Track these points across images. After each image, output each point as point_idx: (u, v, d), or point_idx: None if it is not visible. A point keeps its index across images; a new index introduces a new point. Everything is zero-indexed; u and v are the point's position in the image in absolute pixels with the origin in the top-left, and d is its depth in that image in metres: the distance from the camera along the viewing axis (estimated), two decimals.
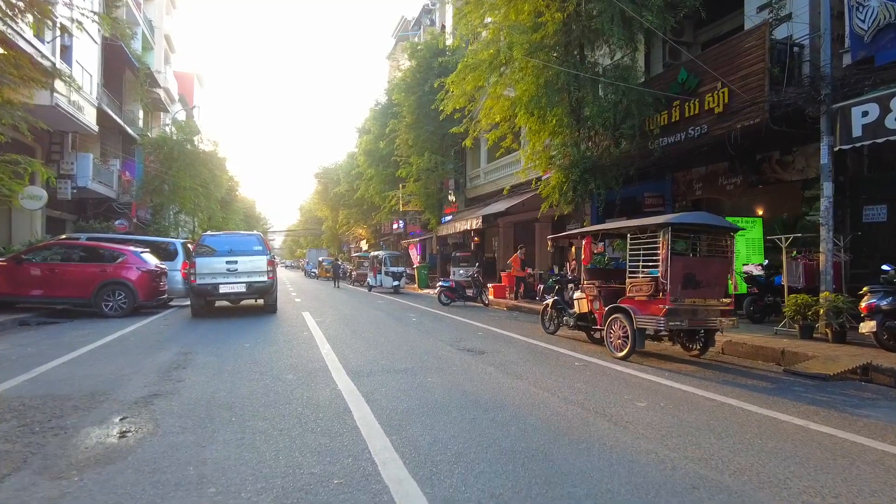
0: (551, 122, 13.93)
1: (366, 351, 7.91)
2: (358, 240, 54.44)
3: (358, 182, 36.47)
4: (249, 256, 12.51)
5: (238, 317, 12.62)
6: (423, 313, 14.03)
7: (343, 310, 14.80)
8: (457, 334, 9.86)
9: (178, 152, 27.90)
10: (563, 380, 6.10)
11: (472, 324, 11.63)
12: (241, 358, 7.29)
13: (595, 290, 8.35)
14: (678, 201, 15.68)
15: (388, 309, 15.19)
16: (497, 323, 11.91)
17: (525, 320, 12.77)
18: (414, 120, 25.63)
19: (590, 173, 13.98)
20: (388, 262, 23.51)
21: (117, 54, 26.03)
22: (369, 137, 34.50)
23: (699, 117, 12.55)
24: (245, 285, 12.36)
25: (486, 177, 25.39)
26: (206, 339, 8.99)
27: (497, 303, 17.10)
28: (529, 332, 10.43)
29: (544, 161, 14.45)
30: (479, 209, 23.96)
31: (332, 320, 12.04)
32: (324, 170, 55.36)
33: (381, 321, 11.95)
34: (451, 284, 16.64)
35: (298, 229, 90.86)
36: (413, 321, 12.03)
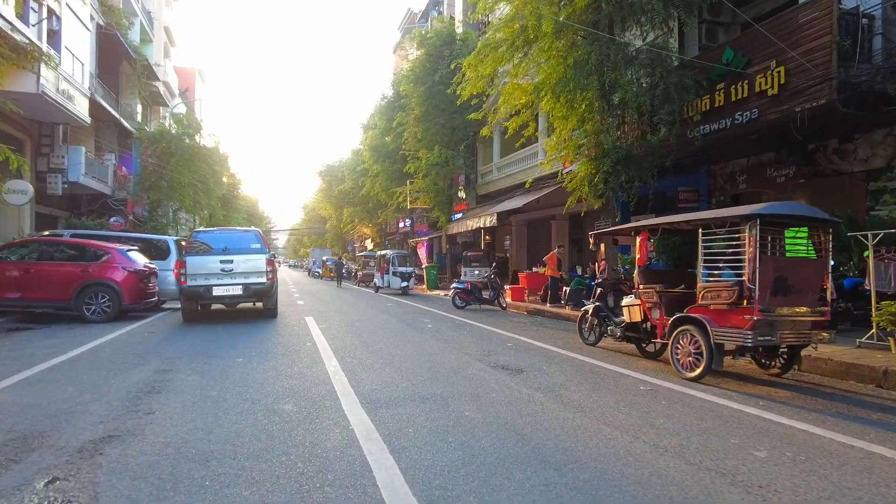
0: (580, 108, 12.62)
1: (380, 368, 6.60)
2: (363, 239, 53.18)
3: (363, 179, 35.19)
4: (246, 255, 11.22)
5: (234, 322, 11.34)
6: (437, 318, 12.72)
7: (350, 314, 13.49)
8: (483, 346, 8.54)
9: (175, 146, 26.66)
10: (636, 413, 4.78)
11: (497, 332, 10.31)
12: (231, 378, 5.98)
13: (655, 296, 7.02)
14: (715, 196, 14.36)
15: (398, 313, 13.88)
16: (524, 331, 10.59)
17: (553, 327, 11.45)
18: (423, 112, 24.31)
19: (622, 164, 12.67)
20: (395, 262, 22.20)
21: (113, 45, 24.79)
22: (375, 132, 33.24)
23: (748, 101, 11.22)
24: (242, 287, 11.07)
25: (499, 172, 24.07)
26: (193, 352, 7.69)
27: (515, 306, 15.78)
28: (565, 342, 9.11)
29: (572, 150, 13.11)
30: (493, 206, 22.65)
31: (339, 327, 10.73)
32: (328, 167, 54.13)
33: (394, 328, 10.64)
34: (466, 286, 15.33)
35: (302, 228, 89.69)
36: (429, 328, 10.71)
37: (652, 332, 7.63)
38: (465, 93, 14.64)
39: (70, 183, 20.75)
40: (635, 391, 5.66)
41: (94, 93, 21.98)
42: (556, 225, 22.60)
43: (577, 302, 13.67)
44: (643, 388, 5.79)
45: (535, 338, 9.53)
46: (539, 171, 20.25)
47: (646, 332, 7.64)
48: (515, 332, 10.21)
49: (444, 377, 6.11)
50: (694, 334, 6.18)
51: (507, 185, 23.18)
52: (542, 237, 25.04)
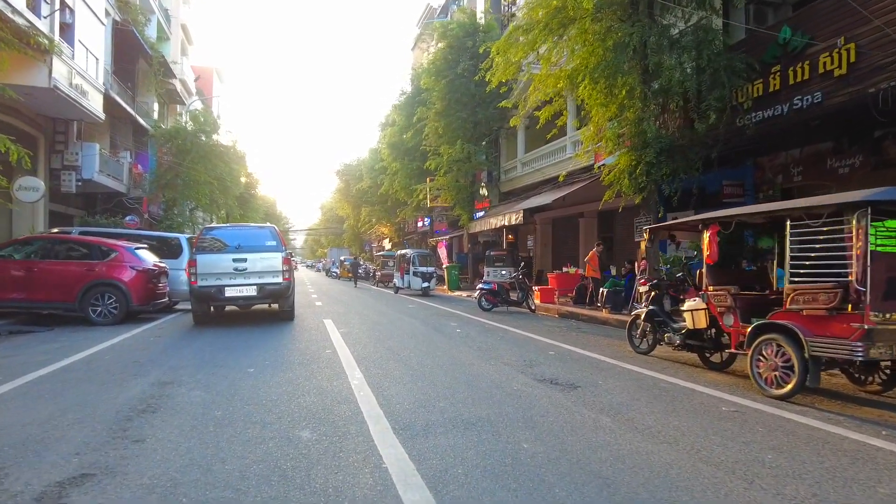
0: (620, 94, 11.65)
1: (411, 382, 5.72)
2: (380, 239, 52.54)
3: (382, 177, 34.45)
4: (261, 253, 10.43)
5: (247, 325, 10.56)
6: (465, 322, 11.83)
7: (371, 316, 12.65)
8: (522, 354, 7.63)
9: (191, 144, 26.13)
10: (734, 445, 3.84)
11: (533, 338, 9.38)
12: (240, 394, 5.15)
13: (728, 299, 6.05)
14: (762, 191, 13.29)
15: (422, 316, 13.02)
16: (561, 336, 9.65)
17: (592, 332, 10.49)
18: (444, 107, 23.45)
19: (665, 155, 11.69)
20: (416, 262, 21.34)
21: (129, 41, 24.34)
22: (394, 129, 32.47)
23: (809, 83, 10.20)
24: (256, 288, 10.28)
25: (523, 168, 23.11)
26: (200, 360, 6.89)
27: (545, 308, 14.83)
28: (613, 350, 8.17)
29: (611, 140, 12.13)
30: (517, 203, 21.71)
31: (360, 331, 9.89)
32: (345, 167, 53.61)
33: (419, 333, 9.77)
34: (492, 287, 14.41)
35: (319, 228, 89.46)
36: (458, 333, 9.82)
37: (717, 339, 6.68)
38: (493, 80, 13.74)
39: (84, 181, 20.28)
40: (718, 413, 4.72)
41: (108, 89, 21.50)
42: (585, 223, 21.59)
43: (615, 304, 12.70)
44: (726, 410, 4.84)
45: (577, 345, 8.59)
46: (567, 166, 19.28)
47: (711, 341, 6.69)
48: (553, 338, 9.28)
49: (487, 394, 5.22)
50: (782, 345, 5.21)
51: (533, 182, 22.22)
52: (569, 236, 24.04)
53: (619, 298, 12.69)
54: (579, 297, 15.06)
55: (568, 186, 17.78)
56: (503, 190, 24.73)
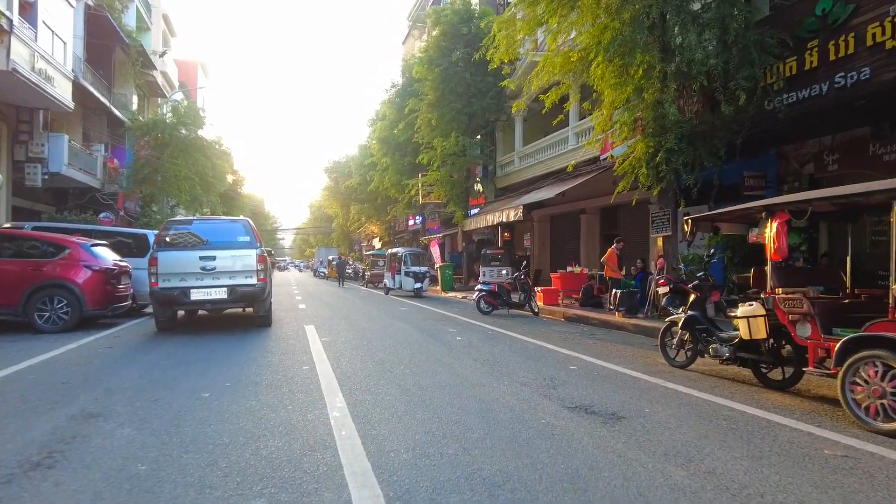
0: (637, 73, 10.45)
1: (408, 415, 4.45)
2: (370, 238, 51.18)
3: (371, 173, 33.13)
4: (232, 250, 9.11)
5: (217, 332, 9.25)
6: (464, 327, 10.57)
7: (359, 322, 11.35)
8: (538, 369, 6.39)
9: (169, 136, 24.71)
10: None
11: (546, 347, 8.14)
12: (182, 433, 3.87)
13: (805, 304, 4.84)
14: (787, 182, 12.17)
15: (416, 320, 11.74)
16: (577, 345, 8.43)
17: (609, 339, 9.27)
18: (437, 97, 22.18)
19: (687, 141, 10.53)
20: (408, 261, 20.05)
21: (103, 27, 22.90)
22: (384, 124, 31.18)
23: (854, 58, 9.07)
24: (226, 290, 8.97)
25: (521, 162, 21.90)
26: (148, 380, 5.59)
27: (549, 311, 13.60)
28: (643, 363, 6.96)
29: (627, 125, 10.93)
30: (515, 199, 20.49)
31: (346, 340, 8.59)
32: (334, 164, 52.19)
33: (415, 342, 8.49)
34: (492, 288, 13.17)
35: (308, 227, 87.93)
36: (459, 342, 8.55)
37: (778, 352, 5.49)
38: (496, 58, 12.49)
39: (52, 174, 18.87)
40: (822, 460, 3.50)
41: (79, 76, 20.08)
42: (587, 219, 20.43)
43: (630, 308, 11.50)
44: (830, 454, 3.62)
45: (599, 356, 7.36)
46: (570, 159, 18.07)
47: (771, 353, 5.49)
48: (569, 348, 8.05)
49: (510, 433, 3.96)
50: (891, 365, 4.01)
51: (531, 177, 21.01)
52: (569, 233, 22.87)
53: (633, 301, 11.49)
54: (586, 299, 13.85)
55: (572, 180, 16.59)
56: (499, 186, 23.51)
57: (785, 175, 12.22)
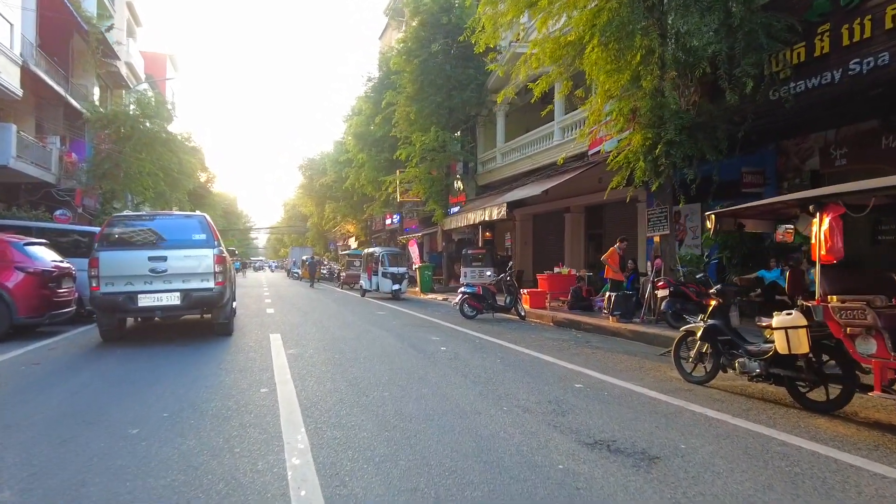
0: (634, 59, 9.65)
1: (391, 463, 3.47)
2: (346, 237, 49.95)
3: (347, 170, 32.03)
4: (186, 250, 8.03)
5: (169, 343, 8.17)
6: (448, 334, 9.64)
7: (331, 328, 10.33)
8: (541, 389, 5.48)
9: (131, 129, 23.29)
10: None
11: (543, 359, 7.25)
12: (83, 499, 2.86)
13: (870, 315, 4.02)
14: (787, 179, 11.53)
15: (395, 326, 10.77)
16: (576, 355, 7.56)
17: (609, 348, 8.42)
18: (416, 90, 21.22)
19: (687, 133, 9.78)
20: (386, 261, 19.03)
21: (59, 12, 21.42)
22: (360, 119, 30.13)
23: (871, 43, 8.40)
24: (179, 295, 7.89)
25: (503, 158, 21.06)
26: (67, 410, 4.54)
27: (537, 315, 12.76)
28: (654, 377, 6.10)
29: (624, 115, 10.12)
30: (497, 196, 19.64)
31: (316, 353, 7.59)
32: (308, 161, 50.82)
33: (395, 354, 7.52)
34: (476, 290, 12.27)
35: (282, 226, 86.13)
36: (444, 353, 7.61)
37: (819, 369, 4.69)
38: (480, 43, 11.58)
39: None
40: None
41: (29, 62, 18.65)
42: (571, 218, 19.67)
43: (625, 312, 10.69)
44: None
45: (604, 370, 6.49)
46: (555, 155, 17.31)
47: (812, 370, 4.69)
48: (567, 359, 7.18)
49: (524, 489, 3.03)
50: None
51: (513, 174, 20.18)
52: (552, 233, 22.10)
53: (629, 305, 10.69)
54: (575, 302, 13.04)
55: (558, 176, 15.80)
56: (480, 183, 22.64)
57: (785, 171, 11.56)
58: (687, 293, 9.91)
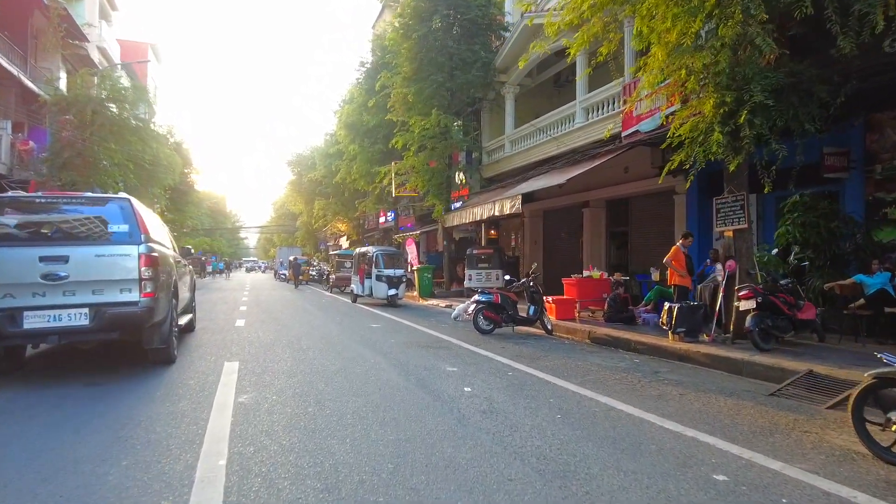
0: (708, 1, 7.31)
1: None
2: (337, 236, 47.45)
3: (337, 163, 29.54)
4: (98, 248, 5.61)
5: (77, 377, 5.72)
6: (467, 362, 7.23)
7: (310, 353, 7.84)
8: (660, 488, 3.11)
9: (91, 112, 20.76)
10: None
11: (618, 409, 4.86)
12: None
13: None
14: (881, 161, 9.27)
15: (394, 348, 8.35)
16: (661, 402, 5.19)
17: (695, 384, 6.05)
18: (414, 70, 18.80)
19: (775, 97, 7.48)
20: (381, 262, 16.57)
21: None
22: (351, 108, 27.64)
23: None
24: (87, 312, 5.46)
25: (512, 147, 18.69)
26: None
27: (565, 328, 10.40)
28: (824, 450, 3.73)
29: (698, 73, 7.73)
30: (506, 189, 17.27)
31: (281, 402, 5.14)
32: (297, 157, 48.26)
33: (399, 405, 5.08)
34: (494, 299, 9.90)
35: (271, 226, 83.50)
36: (470, 401, 5.19)
37: None
38: None
39: None
40: None
41: None
42: (591, 214, 17.33)
43: (691, 327, 8.32)
44: None
45: (731, 436, 4.11)
46: (576, 140, 15.00)
47: None
48: (651, 407, 4.81)
49: None
50: None
51: (524, 164, 17.81)
52: (566, 230, 19.76)
53: (695, 318, 8.32)
54: (614, 313, 10.69)
55: (581, 164, 13.47)
56: (486, 175, 20.23)
57: (879, 151, 9.25)
58: (777, 305, 7.58)
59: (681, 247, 9.08)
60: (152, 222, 6.49)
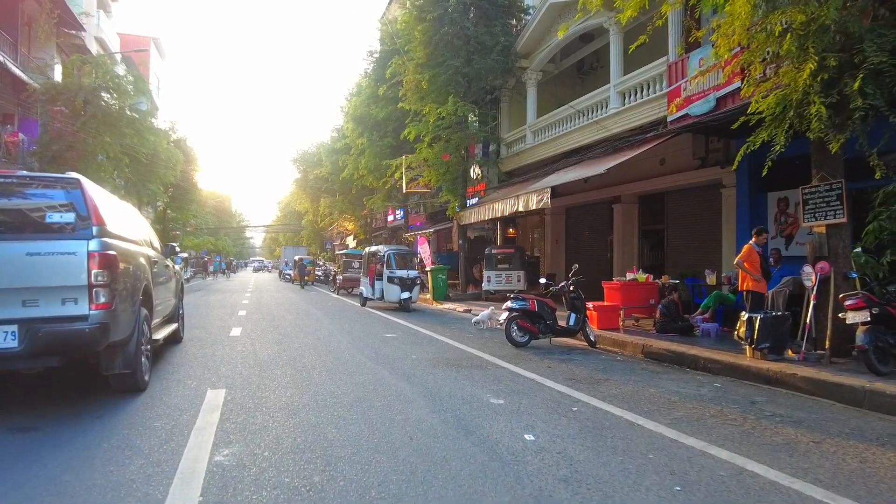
0: None
1: None
2: (344, 236, 46.12)
3: (344, 158, 28.18)
4: (28, 243, 4.22)
5: (11, 415, 4.34)
6: (513, 388, 5.79)
7: (317, 376, 6.38)
8: None
9: (81, 101, 19.48)
10: None
11: (743, 468, 3.43)
12: None
13: None
14: None
15: (418, 368, 6.92)
16: (798, 458, 3.75)
17: (813, 422, 4.60)
18: (428, 55, 17.38)
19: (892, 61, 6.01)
20: (393, 263, 15.13)
21: None
22: (360, 100, 26.34)
23: None
24: (14, 331, 4.07)
25: (534, 138, 17.23)
26: None
27: (609, 340, 8.97)
28: None
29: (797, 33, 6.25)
30: (528, 183, 15.83)
31: (275, 445, 3.76)
32: (303, 154, 46.95)
33: (439, 458, 3.66)
34: (530, 306, 8.47)
35: (277, 225, 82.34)
36: (534, 452, 3.77)
37: None
38: None
39: None
40: None
41: None
42: (622, 210, 15.87)
43: (777, 343, 6.85)
44: None
45: None
46: (608, 128, 13.54)
47: None
48: (800, 473, 3.38)
49: None
50: None
51: (548, 155, 16.35)
52: (592, 228, 18.33)
53: (781, 331, 6.85)
54: (667, 322, 9.22)
55: (613, 156, 12.03)
56: (505, 169, 18.78)
57: None
58: (895, 316, 6.11)
59: (754, 245, 7.58)
60: (113, 210, 5.09)
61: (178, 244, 45.33)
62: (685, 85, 10.65)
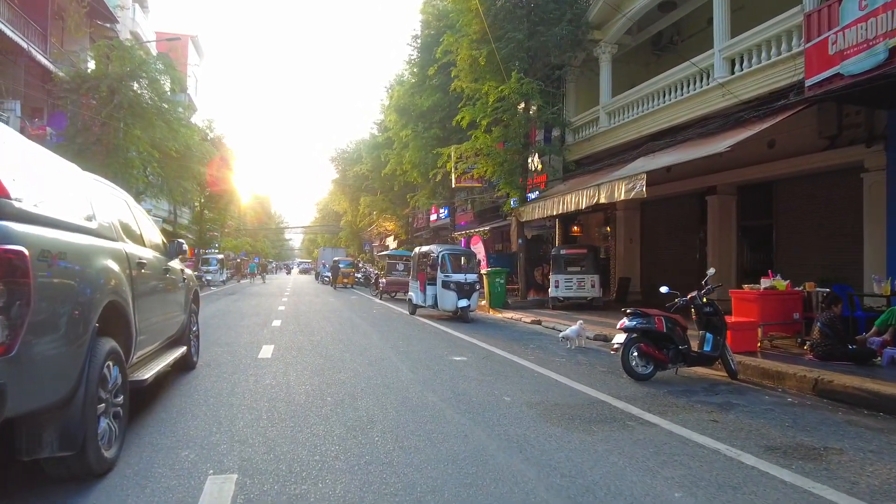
0: None
1: None
2: (383, 236, 44.40)
3: (386, 152, 26.29)
4: None
5: None
6: (698, 475, 3.60)
7: (374, 436, 4.33)
8: None
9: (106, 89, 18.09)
10: None
11: None
12: None
13: None
14: None
15: (520, 423, 4.74)
16: None
17: None
18: (485, 29, 15.23)
19: None
20: (448, 265, 13.00)
21: None
22: (403, 89, 24.45)
23: None
24: None
25: (609, 120, 14.89)
26: None
27: (752, 368, 6.66)
28: None
29: None
30: (602, 174, 13.51)
31: None
32: (341, 153, 45.47)
33: None
34: (655, 325, 6.25)
35: (315, 226, 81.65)
36: None
37: None
38: None
39: None
40: None
41: None
42: (717, 203, 13.44)
43: None
44: None
45: None
46: (709, 103, 11.17)
47: None
48: None
49: None
50: None
51: (628, 139, 13.99)
52: (674, 225, 15.91)
53: None
54: (832, 347, 6.83)
55: (756, 123, 9.62)
56: (571, 157, 16.45)
57: None
58: None
59: None
60: (45, 175, 3.13)
61: (218, 245, 44.07)
62: (835, 37, 8.24)
